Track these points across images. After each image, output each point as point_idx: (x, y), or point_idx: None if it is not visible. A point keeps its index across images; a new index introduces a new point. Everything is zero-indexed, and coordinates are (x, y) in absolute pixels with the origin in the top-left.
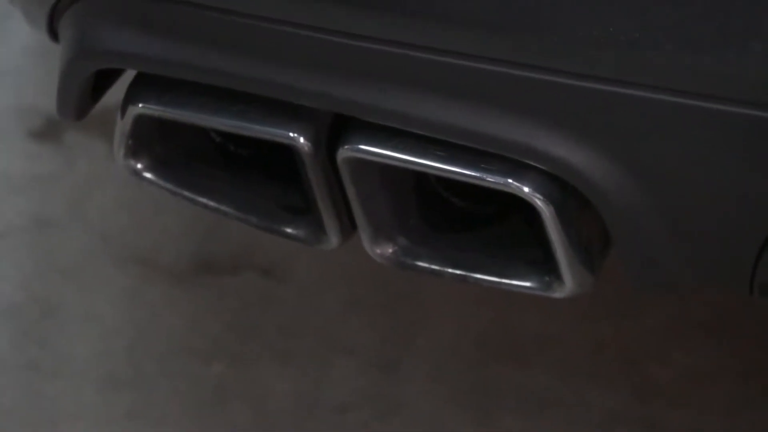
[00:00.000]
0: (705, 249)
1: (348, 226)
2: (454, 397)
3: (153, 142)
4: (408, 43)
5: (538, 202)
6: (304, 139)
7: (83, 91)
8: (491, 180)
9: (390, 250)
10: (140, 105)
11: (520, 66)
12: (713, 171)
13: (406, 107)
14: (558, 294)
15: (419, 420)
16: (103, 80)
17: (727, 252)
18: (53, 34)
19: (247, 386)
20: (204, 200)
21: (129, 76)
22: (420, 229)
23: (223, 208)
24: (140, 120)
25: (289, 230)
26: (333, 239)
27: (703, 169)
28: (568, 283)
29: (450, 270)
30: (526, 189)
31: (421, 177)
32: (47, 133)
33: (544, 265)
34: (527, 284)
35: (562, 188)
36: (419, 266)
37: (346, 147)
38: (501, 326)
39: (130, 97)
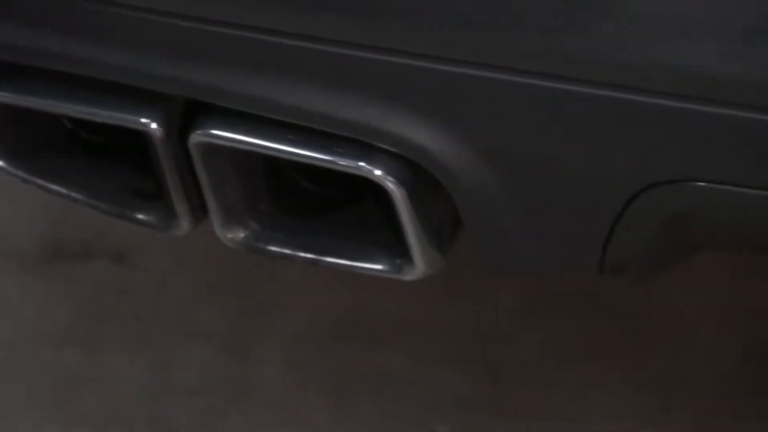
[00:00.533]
0: (555, 231)
1: (199, 211)
2: (309, 381)
3: (4, 129)
4: (251, 26)
5: (389, 184)
6: (156, 124)
7: None
8: (343, 164)
9: (241, 235)
10: None
11: (361, 47)
12: (558, 151)
13: (254, 91)
14: (409, 276)
15: (273, 404)
16: None
17: (577, 233)
18: None
19: (99, 372)
20: (56, 187)
21: None
22: (271, 213)
23: (74, 194)
24: None
25: (140, 216)
26: (184, 224)
27: (548, 150)
28: (419, 265)
29: (301, 254)
30: (377, 172)
31: (272, 161)
32: None
33: (395, 248)
34: (378, 267)
35: (414, 171)
36: (271, 250)
37: (197, 132)
38: (357, 310)
39: None
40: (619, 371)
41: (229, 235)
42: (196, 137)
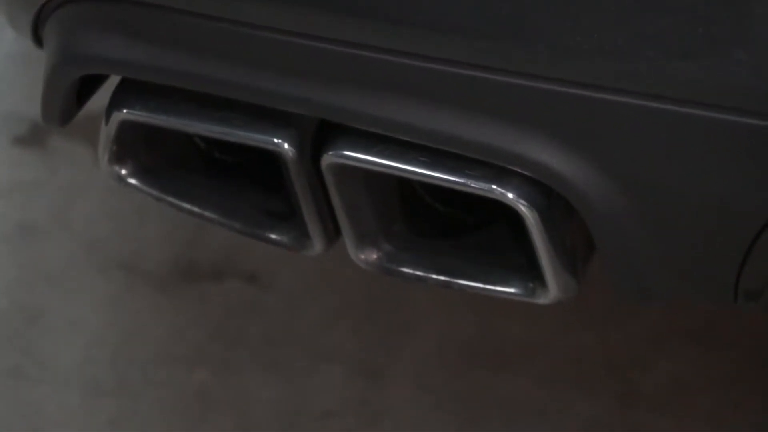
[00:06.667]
0: (689, 257)
1: (332, 232)
2: (439, 405)
3: (137, 148)
4: (392, 49)
5: (523, 208)
6: (288, 145)
7: (68, 96)
8: (475, 186)
9: (374, 256)
10: (124, 111)
11: (503, 72)
12: (696, 178)
13: (390, 113)
14: (542, 300)
15: (403, 427)
16: (87, 86)
17: (711, 260)
18: (38, 39)
19: (231, 394)
20: (188, 206)
21: (114, 81)
22: (404, 235)
23: (207, 214)
24: (124, 126)
25: (273, 236)
26: (317, 245)
27: (687, 177)
28: (552, 289)
29: (434, 276)
30: (510, 195)
31: (405, 183)
32: (31, 139)
33: (528, 271)
34: (511, 290)
35: (546, 194)
36: (403, 272)
37: (330, 153)
38: (485, 333)
39: (115, 103)
40: (759, 397)
41: (362, 257)
42: (328, 158)
